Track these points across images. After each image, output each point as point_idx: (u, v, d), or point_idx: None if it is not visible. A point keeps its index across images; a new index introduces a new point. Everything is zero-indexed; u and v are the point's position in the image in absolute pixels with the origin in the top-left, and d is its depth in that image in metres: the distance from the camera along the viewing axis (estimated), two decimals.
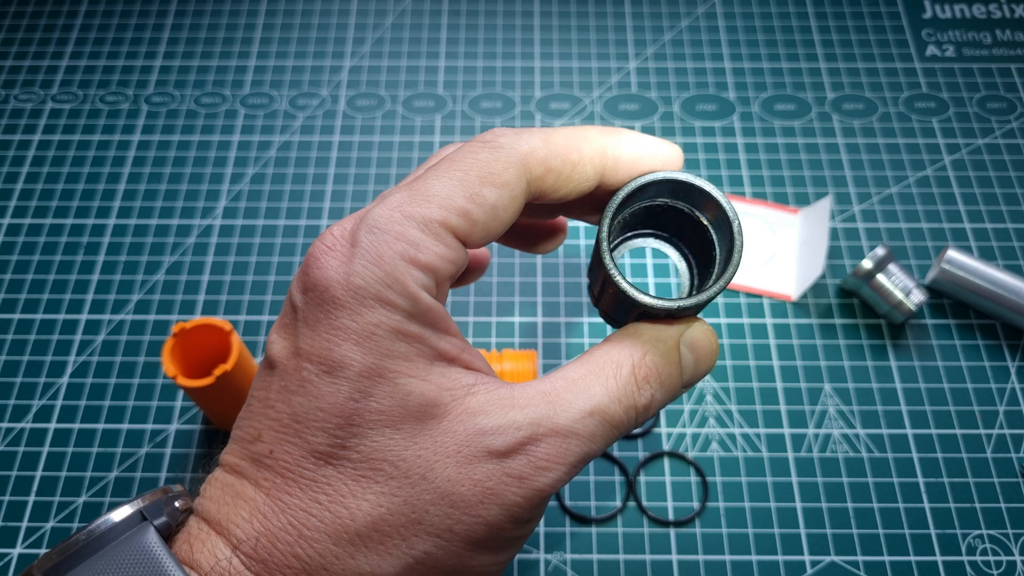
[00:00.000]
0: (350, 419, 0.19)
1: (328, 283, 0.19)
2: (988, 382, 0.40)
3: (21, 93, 0.51)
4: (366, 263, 0.19)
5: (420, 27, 0.54)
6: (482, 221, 0.20)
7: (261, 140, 0.49)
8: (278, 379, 0.19)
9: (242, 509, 0.19)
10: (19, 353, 0.42)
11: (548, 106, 0.50)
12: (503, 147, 0.20)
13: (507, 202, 0.20)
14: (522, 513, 0.19)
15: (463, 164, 0.20)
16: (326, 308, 0.19)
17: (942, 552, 0.36)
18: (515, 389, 0.20)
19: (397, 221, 0.19)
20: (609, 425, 0.21)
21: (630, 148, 0.21)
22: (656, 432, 0.39)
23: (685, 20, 0.54)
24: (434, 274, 0.19)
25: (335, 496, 0.18)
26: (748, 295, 0.43)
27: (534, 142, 0.20)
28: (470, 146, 0.20)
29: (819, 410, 0.40)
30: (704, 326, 0.22)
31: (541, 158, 0.20)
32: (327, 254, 0.19)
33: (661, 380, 0.22)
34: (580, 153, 0.21)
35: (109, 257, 0.45)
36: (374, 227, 0.19)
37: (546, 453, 0.19)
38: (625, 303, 0.22)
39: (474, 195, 0.20)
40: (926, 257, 0.44)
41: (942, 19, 0.54)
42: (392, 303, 0.19)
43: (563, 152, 0.21)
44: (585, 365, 0.21)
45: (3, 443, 0.39)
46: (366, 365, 0.19)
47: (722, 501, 0.37)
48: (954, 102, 0.50)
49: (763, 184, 0.47)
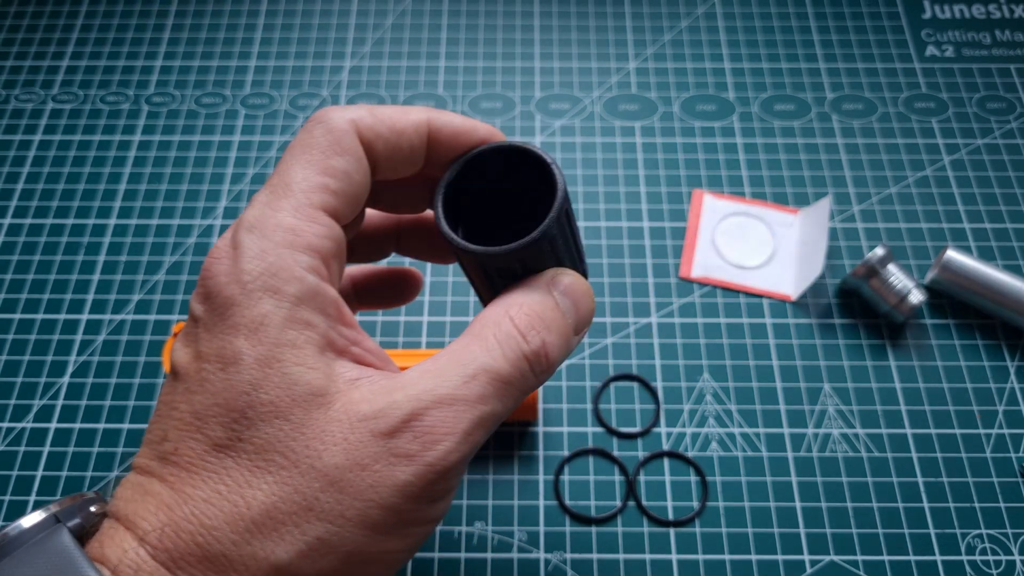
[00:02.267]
0: (243, 412, 0.19)
1: (220, 287, 0.20)
2: (987, 382, 0.40)
3: (22, 93, 0.52)
4: (251, 259, 0.20)
5: (420, 27, 0.54)
6: (341, 189, 0.21)
7: (262, 140, 0.49)
8: (181, 383, 0.20)
9: (149, 504, 0.19)
10: (20, 353, 0.42)
11: (548, 106, 0.51)
12: (332, 118, 0.21)
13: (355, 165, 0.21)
14: (417, 492, 0.20)
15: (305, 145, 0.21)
16: (220, 311, 0.20)
17: (941, 552, 0.36)
18: (398, 376, 0.21)
19: (269, 216, 0.20)
20: (499, 382, 0.21)
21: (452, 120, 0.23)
22: (656, 432, 0.39)
23: (685, 20, 0.54)
24: (318, 253, 0.20)
25: (233, 486, 0.19)
26: (747, 295, 0.43)
27: (361, 112, 0.22)
28: (305, 129, 0.22)
29: (818, 410, 0.40)
30: (568, 271, 0.23)
31: (368, 125, 0.22)
32: (215, 264, 0.20)
33: (545, 322, 0.22)
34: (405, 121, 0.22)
35: (110, 257, 0.45)
36: (251, 227, 0.20)
37: (431, 425, 0.20)
38: (479, 267, 0.22)
39: (326, 168, 0.21)
40: (925, 257, 0.44)
41: (941, 19, 0.54)
42: (280, 291, 0.20)
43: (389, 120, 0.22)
44: (466, 336, 0.22)
45: (4, 443, 0.39)
46: (256, 356, 0.19)
47: (722, 501, 0.37)
48: (953, 102, 0.50)
49: (762, 184, 0.47)
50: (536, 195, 0.23)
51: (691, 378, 0.40)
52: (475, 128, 0.23)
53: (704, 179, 0.47)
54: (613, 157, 0.48)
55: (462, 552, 0.36)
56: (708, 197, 0.46)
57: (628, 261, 0.44)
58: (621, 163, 0.48)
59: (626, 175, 0.48)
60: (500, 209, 0.25)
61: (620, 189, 0.47)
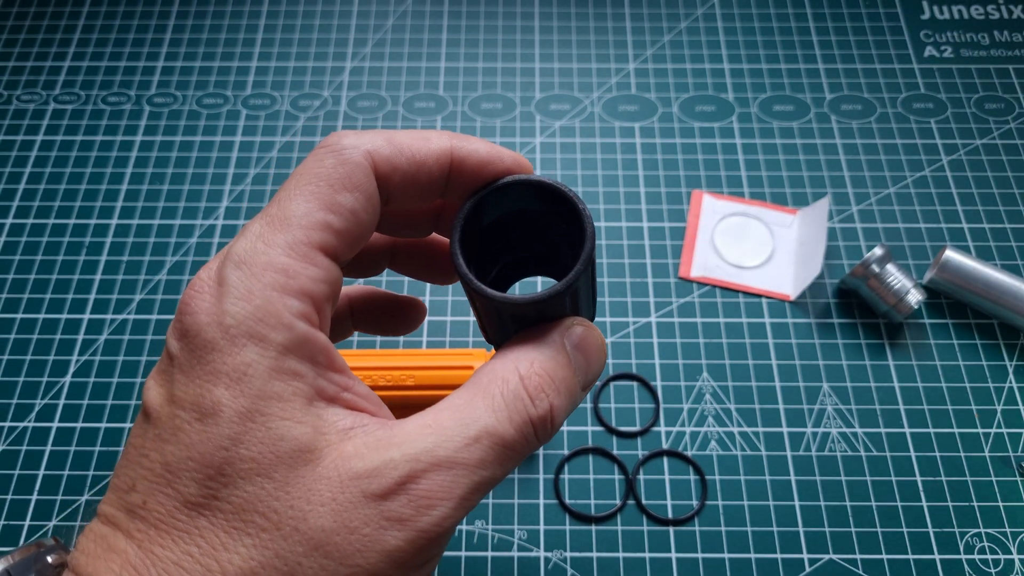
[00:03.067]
0: (220, 468, 0.18)
1: (200, 327, 0.18)
2: (986, 381, 0.40)
3: (24, 94, 0.52)
4: (236, 300, 0.18)
5: (421, 28, 0.55)
6: (345, 229, 0.19)
7: (263, 141, 0.49)
8: (152, 428, 0.19)
9: (113, 562, 0.18)
10: (22, 352, 0.42)
11: (548, 107, 0.51)
12: (347, 148, 0.20)
13: (364, 204, 0.20)
14: (407, 559, 0.18)
15: (313, 175, 0.19)
16: (199, 353, 0.18)
17: (940, 551, 0.36)
18: (395, 427, 0.19)
19: (261, 251, 0.18)
20: (501, 447, 0.19)
21: (477, 149, 0.21)
22: (655, 431, 0.39)
23: (684, 21, 0.55)
24: (310, 298, 0.19)
25: (207, 549, 0.18)
26: (746, 295, 0.43)
27: (378, 141, 0.20)
28: (315, 155, 0.20)
29: (817, 409, 0.40)
30: (583, 322, 0.22)
31: (386, 156, 0.20)
32: (196, 298, 0.19)
33: (556, 385, 0.20)
34: (425, 152, 0.20)
35: (112, 257, 0.45)
36: (240, 262, 0.18)
37: (428, 489, 0.18)
38: (492, 310, 0.21)
39: (331, 204, 0.19)
40: (924, 257, 0.44)
41: (940, 20, 0.55)
42: (266, 339, 0.18)
43: (407, 151, 0.20)
44: (470, 388, 0.20)
45: (6, 442, 0.39)
46: (238, 409, 0.18)
47: (721, 499, 0.37)
48: (952, 103, 0.50)
49: (762, 184, 0.47)
50: (555, 229, 0.22)
51: (690, 377, 0.41)
52: (501, 157, 0.21)
53: (703, 179, 0.47)
54: (613, 158, 0.48)
55: (462, 551, 0.36)
56: (707, 197, 0.47)
57: (628, 261, 0.44)
58: (621, 163, 0.48)
59: (626, 175, 0.48)
60: (512, 237, 0.23)
61: (620, 189, 0.47)
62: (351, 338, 0.42)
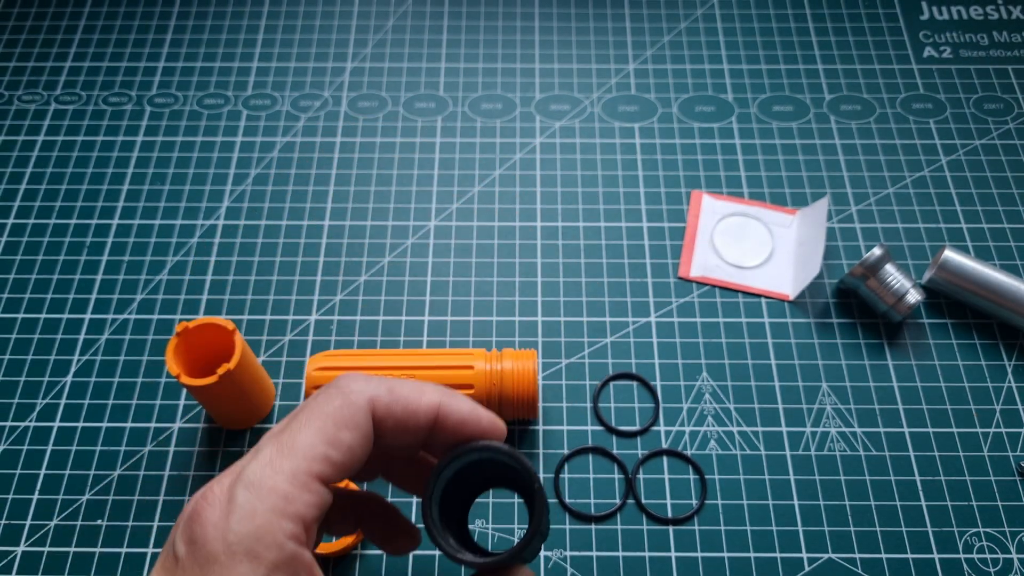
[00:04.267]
0: None
1: (207, 539, 0.21)
2: (985, 381, 0.41)
3: (24, 94, 0.52)
4: (241, 519, 0.21)
5: (421, 29, 0.55)
6: (341, 461, 0.22)
7: (263, 141, 0.49)
8: None
9: None
10: (23, 352, 0.42)
11: (548, 107, 0.51)
12: (353, 392, 0.23)
13: (360, 442, 0.23)
14: None
15: (321, 412, 0.22)
16: (201, 562, 0.21)
17: (939, 550, 0.36)
18: None
19: (268, 476, 0.21)
20: None
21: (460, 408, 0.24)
22: (655, 430, 0.39)
23: (684, 22, 0.55)
24: (303, 521, 0.21)
25: None
26: (746, 295, 0.43)
27: (381, 390, 0.23)
28: (327, 393, 0.23)
29: (817, 408, 0.40)
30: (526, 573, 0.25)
31: (385, 404, 0.23)
32: (207, 510, 0.21)
33: None
34: (416, 404, 0.24)
35: (112, 257, 0.45)
36: (250, 484, 0.21)
37: None
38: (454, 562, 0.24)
39: (332, 440, 0.22)
40: (923, 257, 0.44)
41: (939, 21, 0.55)
42: (260, 557, 0.20)
43: (404, 402, 0.24)
44: None
45: (7, 441, 0.39)
46: None
47: (720, 499, 0.37)
48: (951, 103, 0.51)
49: (761, 185, 0.47)
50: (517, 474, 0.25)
51: (690, 377, 0.41)
52: (478, 419, 0.24)
53: (703, 180, 0.48)
54: (612, 158, 0.49)
55: None
56: (707, 198, 0.47)
57: (627, 261, 0.45)
58: (620, 164, 0.48)
59: (625, 176, 0.48)
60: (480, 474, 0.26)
61: (619, 190, 0.47)
62: (351, 338, 0.42)
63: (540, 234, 0.46)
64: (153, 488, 0.38)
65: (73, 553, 0.36)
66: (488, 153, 0.49)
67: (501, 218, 0.46)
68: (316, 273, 0.44)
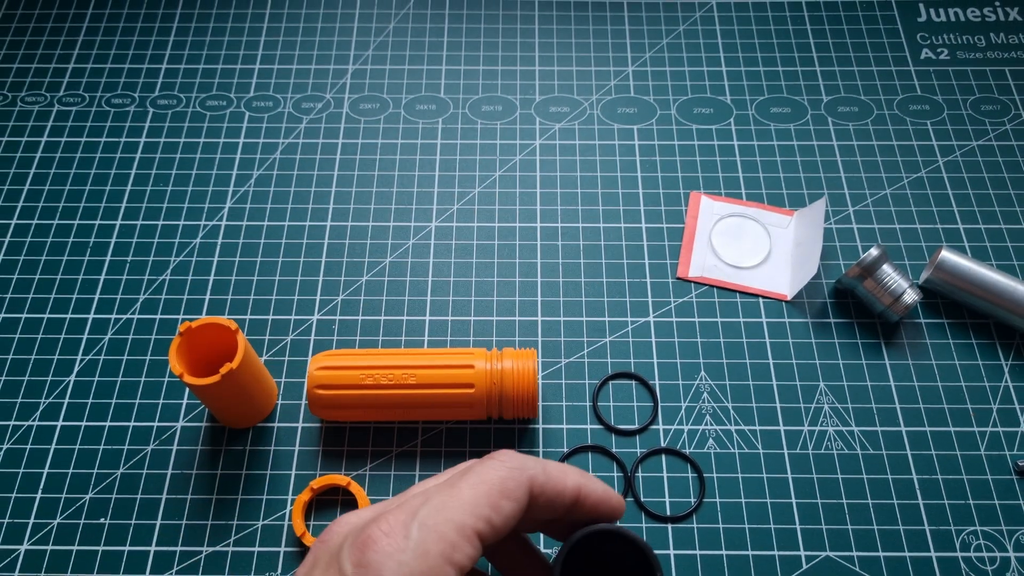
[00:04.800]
0: None
1: (381, 567, 0.22)
2: (982, 380, 0.41)
3: (27, 95, 0.52)
4: (415, 556, 0.22)
5: (422, 31, 0.55)
6: (498, 525, 0.24)
7: (265, 143, 0.50)
8: None
9: None
10: (27, 352, 0.42)
11: (547, 109, 0.51)
12: (517, 468, 0.25)
13: (516, 511, 0.24)
14: None
15: (488, 477, 0.24)
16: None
17: (936, 548, 0.36)
18: None
19: (442, 523, 0.23)
20: None
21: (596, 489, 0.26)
22: (653, 429, 0.39)
23: (682, 24, 0.55)
24: (461, 571, 0.23)
25: None
26: (744, 295, 0.44)
27: (537, 469, 0.25)
28: (492, 463, 0.25)
29: (814, 408, 0.40)
30: None
31: (540, 483, 0.25)
32: (384, 539, 0.23)
33: None
34: (564, 486, 0.26)
35: (115, 257, 0.45)
36: (424, 524, 0.23)
37: None
38: None
39: (496, 505, 0.24)
40: (920, 257, 0.45)
41: (936, 22, 0.55)
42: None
43: (554, 483, 0.25)
44: None
45: (11, 440, 0.40)
46: None
47: (719, 497, 0.38)
48: (948, 105, 0.51)
49: (759, 186, 0.47)
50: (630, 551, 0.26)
51: (688, 376, 0.41)
52: (610, 498, 0.27)
53: (701, 181, 0.48)
54: (612, 159, 0.49)
55: None
56: (705, 199, 0.47)
57: (626, 261, 0.45)
58: (619, 165, 0.49)
59: (624, 177, 0.48)
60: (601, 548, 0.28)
61: (618, 191, 0.48)
62: (353, 337, 0.42)
63: (540, 235, 0.46)
64: (156, 487, 0.38)
65: (76, 551, 0.37)
66: (488, 154, 0.49)
67: (501, 219, 0.47)
68: (318, 273, 0.45)
